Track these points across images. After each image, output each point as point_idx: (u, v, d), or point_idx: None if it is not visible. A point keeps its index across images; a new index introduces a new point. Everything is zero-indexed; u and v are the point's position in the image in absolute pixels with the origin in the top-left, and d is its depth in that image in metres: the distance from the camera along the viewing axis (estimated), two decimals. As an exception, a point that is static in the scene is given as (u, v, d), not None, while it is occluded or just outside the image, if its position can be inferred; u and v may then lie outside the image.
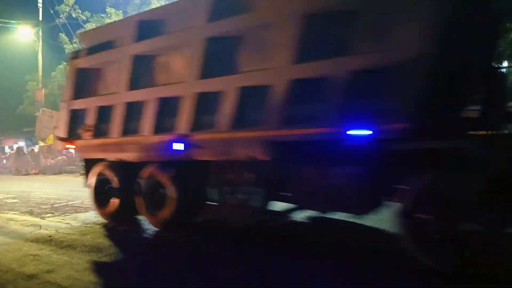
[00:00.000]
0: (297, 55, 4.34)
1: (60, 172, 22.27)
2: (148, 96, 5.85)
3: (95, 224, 6.92)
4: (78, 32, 9.42)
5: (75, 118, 7.09)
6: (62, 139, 7.31)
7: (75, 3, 26.06)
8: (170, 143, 5.51)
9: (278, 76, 4.49)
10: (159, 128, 5.71)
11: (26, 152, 25.52)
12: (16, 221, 7.62)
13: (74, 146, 7.24)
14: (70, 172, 22.08)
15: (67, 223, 7.11)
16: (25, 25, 25.99)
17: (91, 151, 7.01)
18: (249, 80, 4.83)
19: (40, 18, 25.78)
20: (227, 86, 4.98)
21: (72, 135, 7.13)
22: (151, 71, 6.01)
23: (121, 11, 27.55)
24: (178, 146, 5.45)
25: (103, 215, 6.99)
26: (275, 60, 4.56)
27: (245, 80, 4.85)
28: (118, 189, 6.66)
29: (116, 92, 6.35)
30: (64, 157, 24.66)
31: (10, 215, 8.32)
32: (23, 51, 27.82)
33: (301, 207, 5.37)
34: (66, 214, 8.09)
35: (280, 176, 4.97)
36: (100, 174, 6.97)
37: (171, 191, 5.82)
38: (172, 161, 5.80)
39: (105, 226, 6.76)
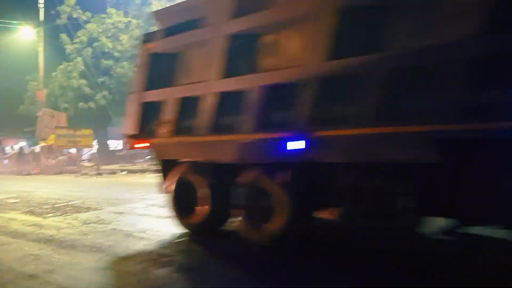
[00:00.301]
0: None
1: (61, 172, 22.30)
2: (250, 84, 4.78)
3: (96, 224, 6.93)
4: (153, 11, 8.20)
5: (148, 112, 6.06)
6: (131, 137, 6.32)
7: (76, 3, 26.13)
8: (282, 141, 4.49)
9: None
10: (264, 124, 4.65)
11: (27, 152, 25.53)
12: (17, 221, 7.64)
13: (147, 145, 6.24)
14: (71, 172, 22.13)
15: (68, 223, 7.13)
16: (26, 26, 26.02)
17: (171, 151, 6.01)
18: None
19: (41, 18, 25.78)
20: (376, 66, 3.81)
21: (144, 132, 6.14)
22: (253, 53, 4.93)
23: (122, 12, 27.59)
24: (296, 145, 4.42)
25: (186, 225, 5.96)
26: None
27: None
28: (206, 197, 5.58)
29: (204, 81, 5.30)
30: (65, 157, 24.71)
31: (11, 215, 8.33)
32: (24, 51, 27.86)
33: (472, 222, 4.14)
34: (67, 214, 8.10)
35: (448, 183, 3.86)
36: (182, 178, 5.93)
37: (282, 200, 4.74)
38: (283, 163, 4.78)
39: (106, 226, 6.78)
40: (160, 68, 5.94)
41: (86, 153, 28.83)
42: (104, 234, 6.19)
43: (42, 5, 25.05)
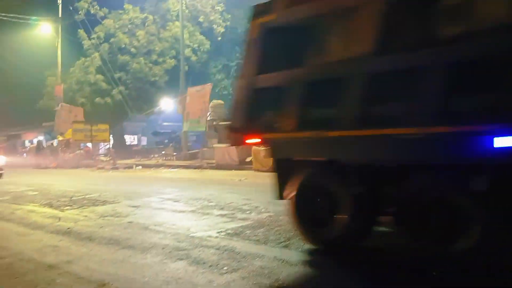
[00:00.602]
0: None
1: (77, 166, 22.66)
2: (424, 60, 3.64)
3: (113, 217, 7.05)
4: None
5: (261, 100, 4.95)
6: (237, 130, 5.24)
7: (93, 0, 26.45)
8: (484, 137, 3.30)
9: None
10: (449, 113, 3.47)
11: (45, 146, 26.00)
12: (36, 213, 7.81)
13: (258, 140, 5.21)
14: (88, 166, 22.46)
15: (85, 216, 7.26)
16: (45, 22, 26.43)
17: (295, 148, 4.84)
18: None
19: (60, 14, 26.16)
20: None
21: (255, 125, 5.02)
22: (426, 19, 3.72)
23: (138, 7, 27.81)
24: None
25: (315, 239, 4.81)
26: None
27: None
28: (348, 205, 4.36)
29: (350, 58, 4.18)
30: (81, 151, 25.10)
31: (30, 207, 8.53)
32: (43, 47, 28.33)
33: None
34: (84, 207, 8.25)
35: None
36: (309, 182, 4.78)
37: (473, 215, 3.52)
38: (476, 166, 3.51)
39: (122, 219, 6.89)
40: (279, 46, 4.95)
41: (102, 147, 29.24)
42: (121, 227, 6.30)
43: (61, 1, 25.40)
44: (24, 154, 33.83)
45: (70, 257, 4.70)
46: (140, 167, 20.88)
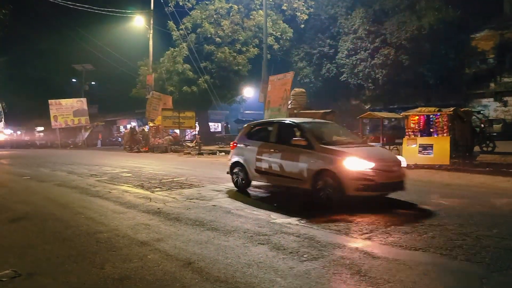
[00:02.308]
0: None
1: (166, 151, 24.01)
2: None
3: (198, 200, 7.38)
4: None
5: None
6: None
7: (183, -9, 27.54)
8: None
9: None
10: None
11: (137, 132, 27.89)
12: (130, 193, 8.44)
13: None
14: (175, 151, 23.70)
15: (173, 198, 7.69)
16: (138, 15, 28.13)
17: None
18: None
19: (152, 7, 27.64)
20: None
21: None
22: None
23: (223, -2, 28.43)
24: None
25: None
26: None
27: None
28: None
29: None
30: (170, 137, 26.52)
31: (125, 187, 9.23)
32: (136, 38, 30.22)
33: None
34: (172, 189, 8.74)
35: None
36: None
37: None
38: None
39: (207, 202, 7.18)
40: None
41: (189, 134, 30.64)
42: (206, 209, 6.58)
43: (153, -5, 26.81)
44: (119, 138, 36.69)
45: (160, 236, 5.02)
46: (223, 153, 21.57)
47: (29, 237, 5.11)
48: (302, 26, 29.10)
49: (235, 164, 8.50)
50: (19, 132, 48.08)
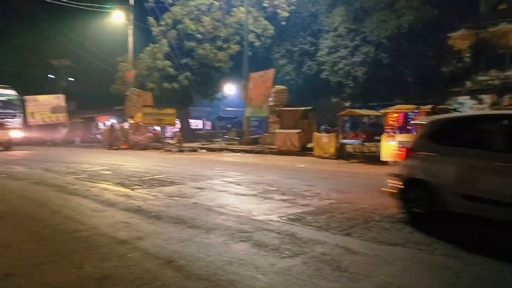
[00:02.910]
0: None
1: (146, 148, 23.76)
2: None
3: (179, 198, 7.34)
4: None
5: None
6: None
7: (163, -13, 27.25)
8: None
9: None
10: None
11: (117, 129, 27.51)
12: (109, 191, 8.32)
13: None
14: (155, 148, 23.48)
15: (154, 195, 7.62)
16: (118, 10, 27.69)
17: None
18: None
19: (131, 2, 27.25)
20: None
21: None
22: None
23: (204, -6, 28.25)
24: None
25: None
26: None
27: None
28: None
29: None
30: (150, 134, 26.26)
31: (104, 185, 9.10)
32: (115, 34, 29.75)
33: None
34: (153, 187, 8.66)
35: None
36: None
37: None
38: None
39: (188, 200, 7.15)
40: None
41: (169, 131, 30.38)
42: (187, 207, 6.54)
43: (132, -10, 26.45)
44: (98, 135, 36.11)
45: (140, 234, 4.97)
46: (204, 150, 21.49)
47: (5, 236, 4.99)
48: (283, 23, 29.15)
49: (413, 183, 5.43)
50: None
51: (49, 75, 43.63)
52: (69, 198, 7.55)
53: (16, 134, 21.87)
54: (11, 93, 22.47)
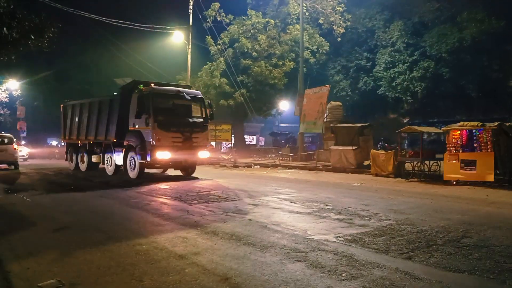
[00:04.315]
0: None
1: (202, 163, 24.23)
2: None
3: (235, 214, 7.41)
4: None
5: None
6: None
7: (220, 7, 28.12)
8: None
9: None
10: None
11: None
12: (167, 205, 8.59)
13: None
14: (211, 163, 23.93)
15: (210, 211, 7.75)
16: (178, 30, 28.88)
17: None
18: None
19: (190, 23, 28.34)
20: None
21: None
22: None
23: (260, 13, 28.82)
24: None
25: None
26: None
27: None
28: None
29: None
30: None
31: (163, 199, 9.40)
32: (175, 53, 31.01)
33: None
34: (209, 202, 8.81)
35: None
36: None
37: None
38: None
39: (243, 217, 7.20)
40: None
41: (225, 146, 30.90)
42: (242, 223, 6.59)
43: (191, 11, 27.51)
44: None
45: (197, 249, 5.06)
46: (258, 166, 21.61)
47: (72, 247, 5.28)
48: (339, 39, 28.97)
49: None
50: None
51: (113, 93, 46.12)
52: (130, 211, 7.87)
53: (204, 154, 14.53)
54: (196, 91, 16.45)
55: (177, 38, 28.93)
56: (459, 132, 12.66)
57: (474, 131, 12.31)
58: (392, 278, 4.00)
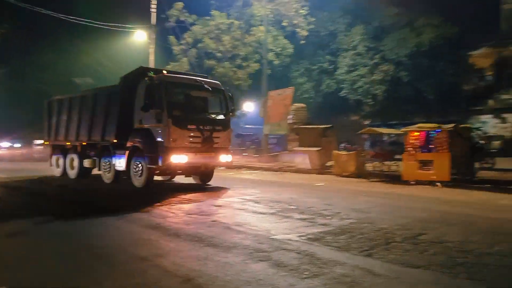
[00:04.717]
0: None
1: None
2: None
3: (198, 216, 7.34)
4: None
5: None
6: None
7: (183, 7, 27.87)
8: None
9: None
10: None
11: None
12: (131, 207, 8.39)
13: None
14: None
15: (173, 213, 7.65)
16: (139, 29, 28.36)
17: None
18: None
19: (153, 22, 27.90)
20: None
21: None
22: None
23: (224, 13, 28.77)
24: None
25: None
26: None
27: None
28: None
29: None
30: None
31: (125, 202, 9.19)
32: (137, 53, 30.42)
33: None
34: (172, 204, 8.69)
35: None
36: None
37: None
38: None
39: (206, 218, 7.15)
40: None
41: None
42: (205, 225, 6.54)
43: (154, 10, 27.09)
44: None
45: (160, 251, 4.98)
46: (223, 167, 21.51)
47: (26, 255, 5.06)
48: (302, 42, 29.35)
49: None
50: (18, 145, 48.00)
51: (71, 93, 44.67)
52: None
53: (226, 158, 12.01)
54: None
55: (139, 37, 28.42)
56: (417, 133, 13.11)
57: (431, 132, 12.78)
58: (353, 275, 4.08)
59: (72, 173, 14.56)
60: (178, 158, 10.70)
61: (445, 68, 26.48)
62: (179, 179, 13.46)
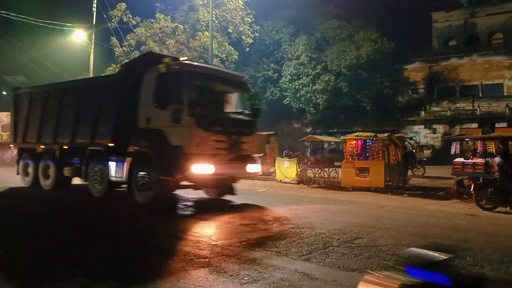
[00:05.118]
0: None
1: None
2: None
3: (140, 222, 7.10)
4: None
5: None
6: None
7: (126, 8, 27.15)
8: None
9: None
10: None
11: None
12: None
13: None
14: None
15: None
16: (79, 28, 27.26)
17: None
18: None
19: (94, 22, 26.94)
20: None
21: None
22: None
23: (169, 17, 28.42)
24: None
25: None
26: None
27: None
28: None
29: None
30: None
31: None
32: (76, 53, 29.20)
33: None
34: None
35: None
36: None
37: None
38: None
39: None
40: None
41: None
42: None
43: (95, 9, 26.18)
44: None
45: (94, 259, 4.76)
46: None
47: None
48: (247, 49, 29.64)
49: None
50: None
51: (2, 92, 41.95)
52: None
53: (253, 168, 9.99)
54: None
55: (78, 37, 27.29)
56: (354, 141, 13.67)
57: (367, 141, 13.39)
58: (291, 279, 4.16)
59: (47, 184, 11.51)
60: (202, 168, 8.31)
61: (381, 80, 27.92)
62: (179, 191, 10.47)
